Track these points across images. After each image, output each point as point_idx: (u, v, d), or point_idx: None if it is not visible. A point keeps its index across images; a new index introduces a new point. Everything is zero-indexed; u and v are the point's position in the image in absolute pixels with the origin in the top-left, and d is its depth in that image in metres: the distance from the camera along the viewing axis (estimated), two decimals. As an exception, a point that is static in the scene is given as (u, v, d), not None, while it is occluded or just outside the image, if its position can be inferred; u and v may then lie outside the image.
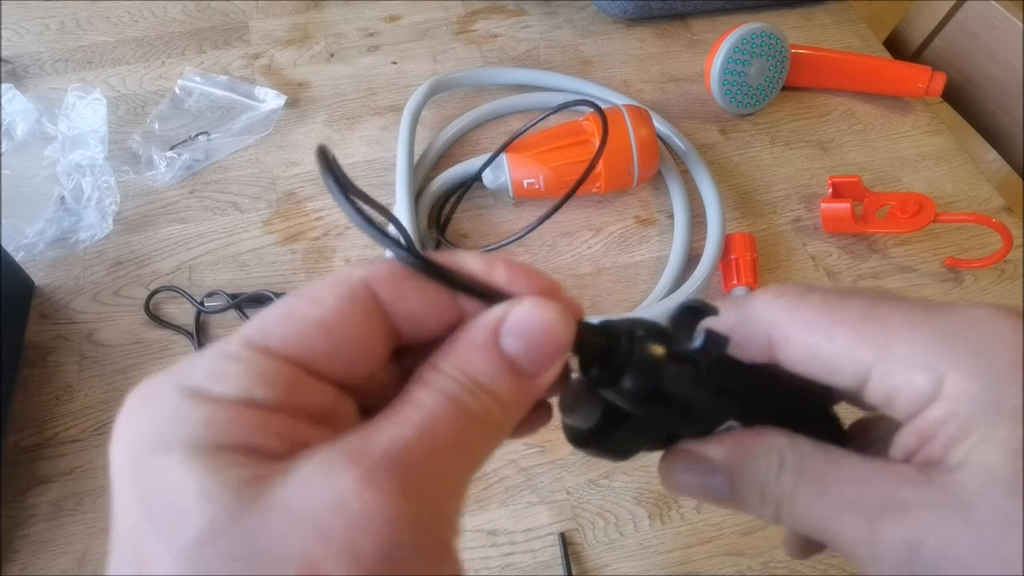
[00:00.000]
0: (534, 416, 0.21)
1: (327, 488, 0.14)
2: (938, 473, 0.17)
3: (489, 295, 0.18)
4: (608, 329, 0.19)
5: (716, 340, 0.19)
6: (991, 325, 0.18)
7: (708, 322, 0.20)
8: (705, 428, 0.21)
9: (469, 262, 0.18)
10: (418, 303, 0.17)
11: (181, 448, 0.14)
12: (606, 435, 0.20)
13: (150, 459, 0.14)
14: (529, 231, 0.50)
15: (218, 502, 0.13)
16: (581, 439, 0.21)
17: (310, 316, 0.16)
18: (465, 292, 0.18)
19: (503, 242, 0.52)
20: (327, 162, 0.17)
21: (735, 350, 0.20)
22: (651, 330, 0.20)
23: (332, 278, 0.17)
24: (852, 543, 0.18)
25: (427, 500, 0.15)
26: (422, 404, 0.16)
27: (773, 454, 0.19)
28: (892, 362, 0.18)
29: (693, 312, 0.21)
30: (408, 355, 0.18)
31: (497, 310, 0.17)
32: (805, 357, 0.19)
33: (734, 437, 0.20)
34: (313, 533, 0.13)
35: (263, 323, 0.16)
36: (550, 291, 0.18)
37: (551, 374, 0.18)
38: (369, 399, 0.17)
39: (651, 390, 0.19)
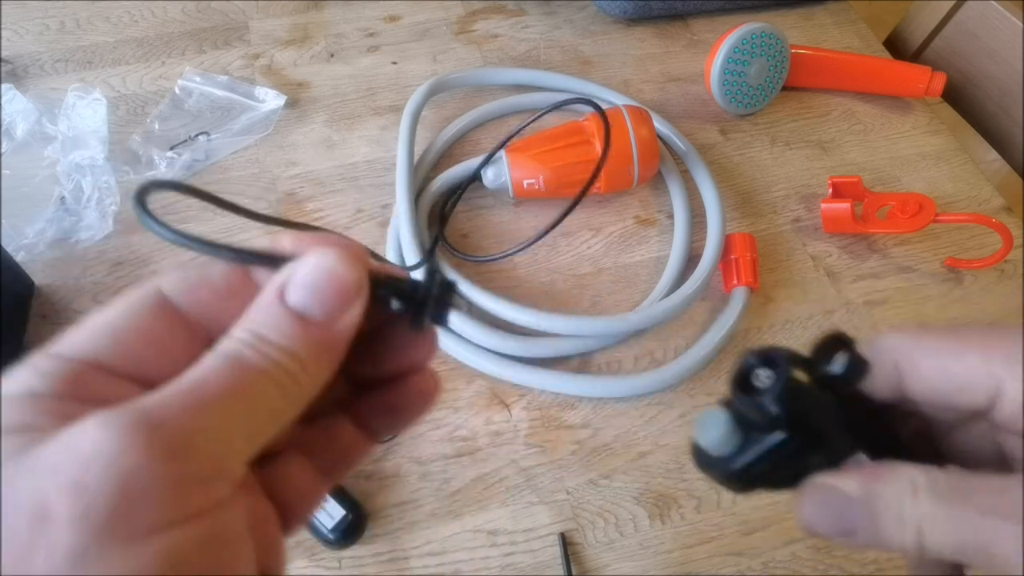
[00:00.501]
0: (410, 400, 0.21)
1: (72, 440, 0.15)
2: None
3: (274, 260, 0.18)
4: (409, 279, 0.20)
5: (859, 365, 0.20)
6: None
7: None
8: (834, 459, 0.21)
9: (257, 244, 0.19)
10: (210, 296, 0.18)
11: None
12: (737, 462, 0.21)
13: None
14: (539, 239, 0.50)
15: None
16: (710, 463, 0.21)
17: (99, 321, 0.17)
18: (249, 262, 0.18)
19: (509, 251, 0.52)
20: (141, 202, 0.19)
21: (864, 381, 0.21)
22: (795, 356, 0.20)
23: (129, 290, 0.18)
24: (1013, 548, 0.17)
25: (175, 440, 0.15)
26: (202, 366, 0.16)
27: (905, 479, 0.19)
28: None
29: (836, 341, 0.21)
30: None
31: (282, 272, 0.18)
32: (936, 379, 0.20)
33: (865, 467, 0.20)
34: (47, 475, 0.14)
35: (65, 335, 0.17)
36: (333, 243, 0.19)
37: (349, 317, 0.18)
38: None
39: (797, 413, 0.19)
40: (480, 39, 0.68)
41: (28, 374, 0.16)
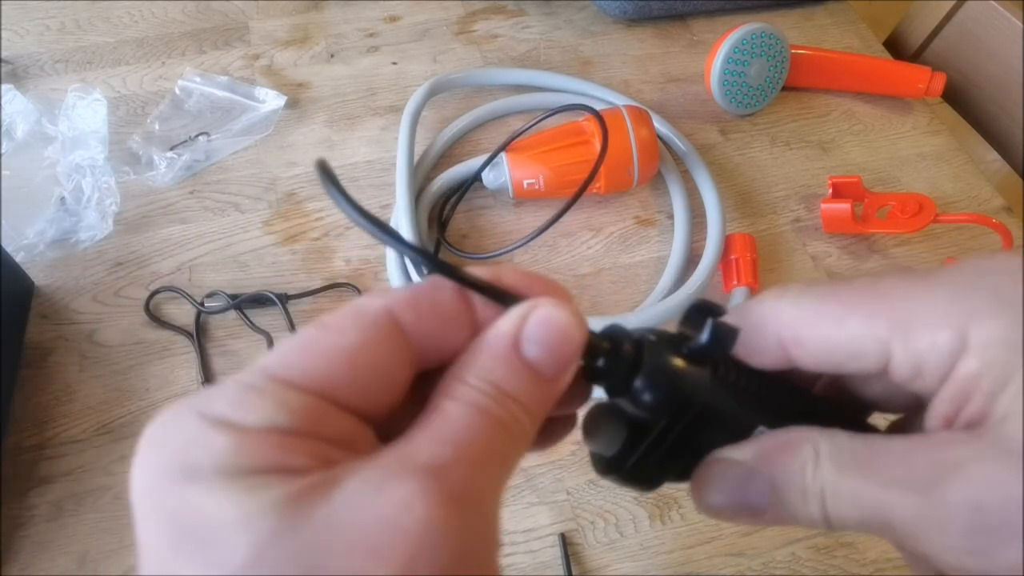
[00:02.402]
0: (558, 426, 0.21)
1: (378, 504, 0.14)
2: (986, 430, 0.16)
3: (503, 296, 0.18)
4: (611, 333, 0.19)
5: (724, 330, 0.19)
6: (1004, 268, 0.17)
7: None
8: (736, 435, 0.20)
9: (477, 272, 0.18)
10: (436, 323, 0.17)
11: (210, 474, 0.14)
12: (630, 458, 0.20)
13: (178, 487, 0.14)
14: (535, 236, 0.50)
15: (260, 524, 0.13)
16: (605, 466, 0.21)
17: (332, 346, 0.16)
18: (480, 292, 0.18)
19: (509, 247, 0.52)
20: (332, 178, 0.17)
21: (748, 356, 0.20)
22: (660, 335, 0.19)
23: (352, 308, 0.17)
24: (911, 521, 0.16)
25: (475, 512, 0.15)
26: (453, 417, 0.16)
27: (807, 445, 0.18)
28: (910, 329, 0.17)
29: (701, 312, 0.20)
30: (422, 379, 0.18)
31: (513, 317, 0.17)
32: (821, 350, 0.19)
33: (763, 437, 0.19)
34: (367, 550, 0.13)
35: (284, 354, 0.16)
36: (558, 294, 0.19)
37: (568, 377, 0.18)
38: (385, 426, 0.17)
39: (668, 394, 0.19)
40: (480, 39, 0.68)
41: (264, 402, 0.15)
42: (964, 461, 0.16)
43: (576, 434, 0.22)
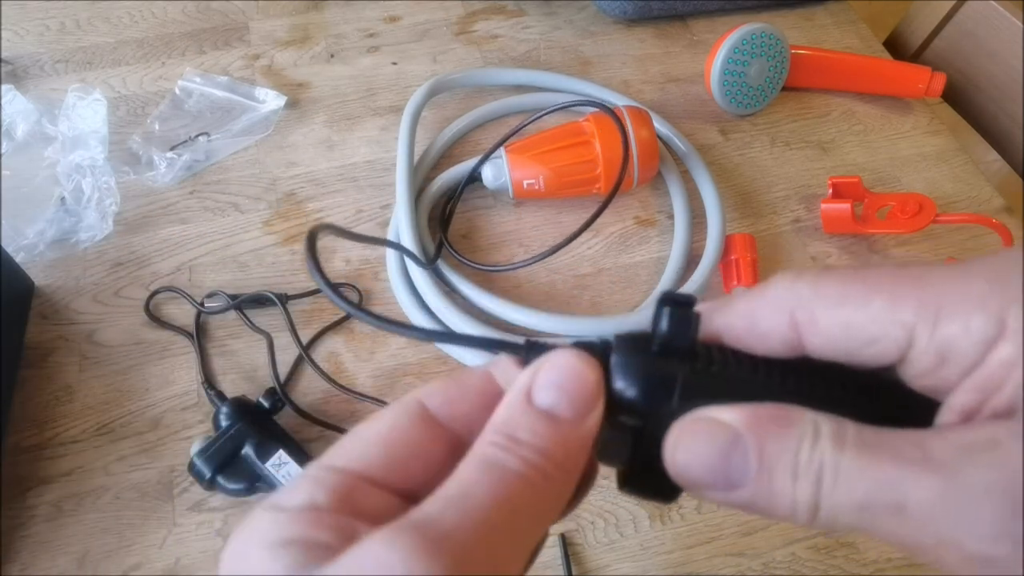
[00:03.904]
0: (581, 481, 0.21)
1: (376, 561, 0.15)
2: (1016, 422, 0.15)
3: (517, 347, 0.19)
4: (578, 342, 0.19)
5: (682, 316, 0.18)
6: None
7: (707, 312, 0.19)
8: None
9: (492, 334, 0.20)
10: (466, 404, 0.19)
11: (257, 545, 0.16)
12: (635, 467, 0.19)
13: (238, 556, 0.17)
14: (567, 243, 0.50)
15: None
16: (619, 480, 0.20)
17: (369, 432, 0.18)
18: (491, 349, 0.20)
19: (529, 259, 0.52)
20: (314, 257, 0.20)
21: (754, 341, 0.18)
22: (628, 334, 0.19)
23: (393, 402, 0.19)
24: (931, 504, 0.15)
25: (457, 556, 0.15)
26: (462, 474, 0.17)
27: (808, 422, 0.16)
28: (940, 313, 0.16)
29: (664, 303, 0.19)
30: None
31: (526, 371, 0.18)
32: (837, 334, 0.17)
33: (757, 405, 0.17)
34: None
35: (338, 446, 0.18)
36: (564, 345, 0.19)
37: (593, 419, 0.18)
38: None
39: (645, 390, 0.18)
40: (480, 39, 0.68)
41: (309, 485, 0.17)
42: (1000, 439, 0.15)
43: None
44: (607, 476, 0.44)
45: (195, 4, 0.70)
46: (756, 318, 0.18)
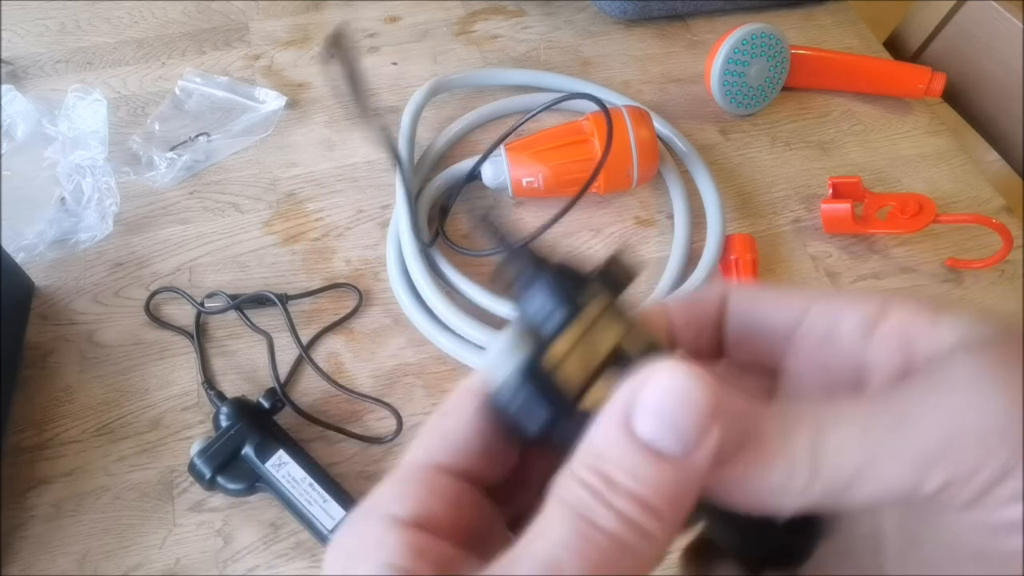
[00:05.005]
0: None
1: None
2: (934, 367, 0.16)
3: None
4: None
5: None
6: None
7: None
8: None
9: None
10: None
11: (363, 566, 0.15)
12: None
13: (344, 572, 0.16)
14: (543, 231, 0.50)
15: None
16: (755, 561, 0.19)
17: (443, 426, 0.18)
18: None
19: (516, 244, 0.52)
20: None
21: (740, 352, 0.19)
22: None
23: (454, 393, 0.18)
24: (898, 469, 0.14)
25: None
26: (554, 528, 0.14)
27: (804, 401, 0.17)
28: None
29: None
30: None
31: (625, 387, 0.14)
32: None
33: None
34: None
35: (423, 439, 0.18)
36: (674, 355, 0.16)
37: (709, 447, 0.14)
38: (517, 509, 0.18)
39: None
40: (480, 40, 0.68)
41: (419, 489, 0.17)
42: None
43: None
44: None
45: (195, 4, 0.70)
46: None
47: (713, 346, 0.20)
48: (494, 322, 0.49)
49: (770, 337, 0.19)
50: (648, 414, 0.14)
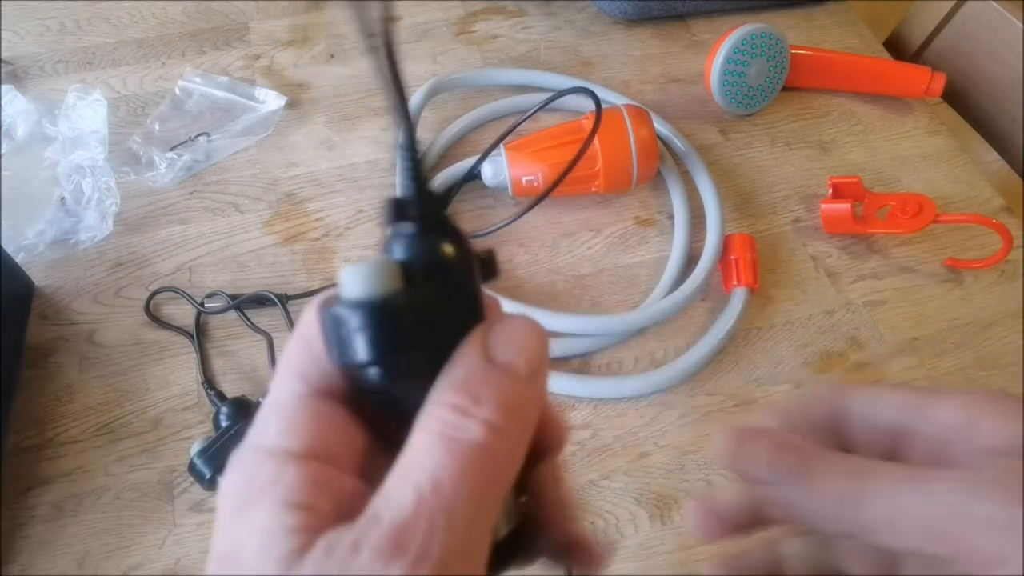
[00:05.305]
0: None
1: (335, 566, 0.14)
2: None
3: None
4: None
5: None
6: None
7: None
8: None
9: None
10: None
11: (259, 507, 0.15)
12: None
13: (237, 515, 0.16)
14: (515, 219, 0.50)
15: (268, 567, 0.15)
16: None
17: (312, 346, 0.18)
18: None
19: (495, 226, 0.52)
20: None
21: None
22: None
23: (309, 307, 0.19)
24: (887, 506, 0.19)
25: (441, 563, 0.14)
26: (417, 455, 0.15)
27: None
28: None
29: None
30: None
31: (481, 328, 0.17)
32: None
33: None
34: None
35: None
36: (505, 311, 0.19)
37: (544, 378, 0.18)
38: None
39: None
40: (480, 40, 0.68)
41: (301, 420, 0.17)
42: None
43: (576, 435, 0.22)
44: (607, 476, 0.44)
45: (195, 4, 0.70)
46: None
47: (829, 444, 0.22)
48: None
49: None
50: (505, 343, 0.17)
